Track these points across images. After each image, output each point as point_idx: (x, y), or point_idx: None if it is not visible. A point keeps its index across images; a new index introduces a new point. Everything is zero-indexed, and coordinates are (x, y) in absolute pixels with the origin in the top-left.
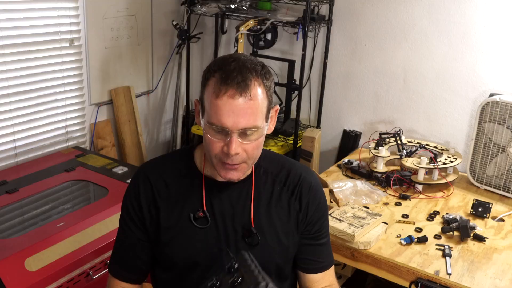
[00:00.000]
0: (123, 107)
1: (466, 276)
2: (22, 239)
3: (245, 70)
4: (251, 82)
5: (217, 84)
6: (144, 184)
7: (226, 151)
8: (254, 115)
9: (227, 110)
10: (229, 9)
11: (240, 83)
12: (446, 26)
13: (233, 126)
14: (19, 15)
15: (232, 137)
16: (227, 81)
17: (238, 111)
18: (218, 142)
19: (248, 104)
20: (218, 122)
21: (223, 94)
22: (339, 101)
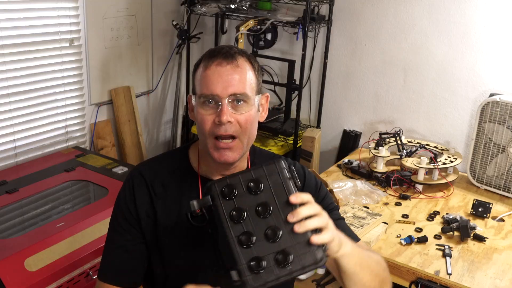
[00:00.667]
0: (123, 107)
1: (466, 276)
2: (22, 239)
3: (231, 48)
4: (238, 55)
5: (205, 60)
6: (139, 186)
7: (218, 121)
8: (243, 83)
9: (216, 77)
10: (229, 9)
11: (227, 53)
12: (446, 26)
13: (223, 91)
14: (19, 15)
15: (223, 104)
16: (214, 54)
17: (227, 76)
18: (210, 115)
19: (235, 70)
20: (208, 91)
21: (211, 64)
22: (339, 101)
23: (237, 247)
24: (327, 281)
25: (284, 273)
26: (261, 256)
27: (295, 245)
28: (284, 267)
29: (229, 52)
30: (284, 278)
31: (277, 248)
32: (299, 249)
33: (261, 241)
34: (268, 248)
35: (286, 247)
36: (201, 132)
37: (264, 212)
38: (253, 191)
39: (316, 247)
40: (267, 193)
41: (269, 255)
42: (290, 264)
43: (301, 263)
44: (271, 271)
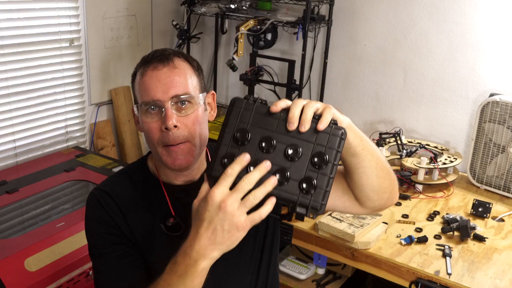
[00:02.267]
0: (123, 107)
1: (466, 276)
2: (22, 239)
3: (166, 51)
4: (173, 56)
5: (141, 67)
6: (107, 203)
7: (164, 127)
8: (183, 83)
9: (154, 82)
10: (229, 9)
11: (161, 56)
12: (446, 26)
13: (164, 95)
14: (19, 15)
15: (167, 108)
16: (148, 59)
17: (165, 79)
18: (155, 122)
19: (173, 72)
20: (149, 97)
21: (147, 70)
22: (339, 101)
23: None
24: (327, 281)
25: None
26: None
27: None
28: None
29: (163, 54)
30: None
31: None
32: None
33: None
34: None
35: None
36: (150, 142)
37: (269, 145)
38: (243, 141)
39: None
40: (257, 130)
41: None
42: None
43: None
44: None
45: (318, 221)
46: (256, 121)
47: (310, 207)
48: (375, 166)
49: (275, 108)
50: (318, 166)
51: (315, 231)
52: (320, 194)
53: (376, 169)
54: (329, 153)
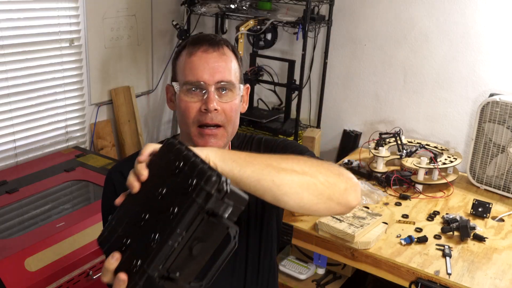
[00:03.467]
0: (123, 107)
1: (466, 276)
2: (22, 239)
3: (216, 36)
4: (223, 43)
5: (190, 47)
6: (118, 180)
7: (204, 108)
8: (228, 70)
9: (203, 63)
10: (229, 9)
11: (212, 40)
12: (446, 26)
13: (210, 78)
14: (19, 15)
15: (210, 91)
16: (199, 40)
17: (213, 63)
18: (195, 103)
19: (222, 58)
20: (194, 77)
21: (196, 50)
22: (339, 101)
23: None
24: (327, 281)
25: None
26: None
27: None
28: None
29: (214, 39)
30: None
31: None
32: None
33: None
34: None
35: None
36: (184, 120)
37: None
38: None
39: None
40: (184, 203)
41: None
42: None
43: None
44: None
45: (318, 221)
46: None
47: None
48: (283, 190)
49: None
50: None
51: (315, 231)
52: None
53: (288, 194)
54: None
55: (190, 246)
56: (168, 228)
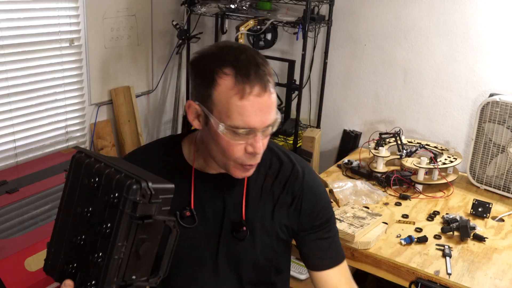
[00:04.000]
0: (123, 107)
1: (466, 276)
2: (22, 239)
3: (259, 63)
4: (267, 75)
5: (238, 83)
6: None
7: (251, 151)
8: (274, 110)
9: (255, 110)
10: (229, 9)
11: (262, 77)
12: (446, 26)
13: (261, 125)
14: (19, 15)
15: (257, 135)
16: (249, 78)
17: (265, 108)
18: (239, 144)
19: (271, 99)
20: (245, 124)
21: (249, 94)
22: (339, 101)
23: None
24: None
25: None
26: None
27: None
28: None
29: (263, 74)
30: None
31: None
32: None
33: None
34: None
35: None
36: (223, 155)
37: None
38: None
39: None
40: (114, 215)
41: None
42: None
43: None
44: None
45: None
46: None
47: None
48: None
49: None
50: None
51: None
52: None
53: None
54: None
55: (136, 250)
56: (108, 243)
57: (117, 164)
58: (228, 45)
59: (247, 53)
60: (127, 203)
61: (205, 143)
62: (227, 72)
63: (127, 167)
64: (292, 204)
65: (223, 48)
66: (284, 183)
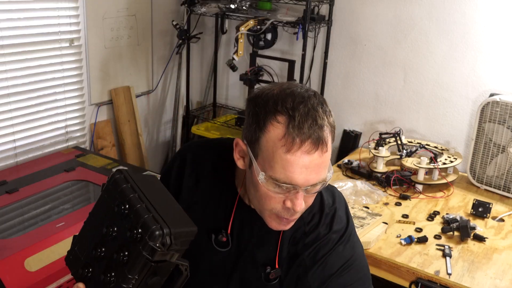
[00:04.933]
0: (123, 107)
1: (466, 276)
2: (22, 239)
3: (318, 116)
4: (326, 131)
5: (289, 135)
6: (189, 165)
7: (289, 206)
8: (325, 168)
9: (301, 167)
10: (229, 9)
11: (317, 134)
12: (446, 26)
13: (304, 183)
14: (19, 15)
15: (299, 193)
16: (301, 131)
17: (313, 167)
18: (278, 197)
19: (323, 158)
20: (287, 179)
21: (297, 149)
22: (339, 101)
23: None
24: None
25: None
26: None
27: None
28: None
29: (320, 129)
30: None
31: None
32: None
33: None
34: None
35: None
36: (259, 202)
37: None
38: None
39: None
40: (133, 249)
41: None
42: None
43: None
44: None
45: None
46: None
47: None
48: None
49: None
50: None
51: None
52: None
53: None
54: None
55: (146, 282)
56: (122, 271)
57: (151, 195)
58: (292, 89)
59: (309, 102)
60: (147, 247)
61: (248, 185)
62: (280, 121)
63: (159, 201)
64: (312, 268)
65: (285, 92)
66: (310, 245)
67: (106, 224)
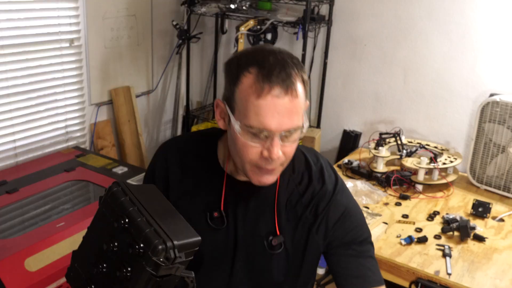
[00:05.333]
0: (123, 107)
1: (466, 276)
2: (22, 239)
3: (287, 65)
4: (295, 78)
5: (258, 82)
6: (173, 156)
7: (266, 156)
8: (298, 114)
9: (272, 111)
10: (229, 9)
11: (286, 80)
12: (446, 26)
13: (277, 128)
14: (19, 15)
15: (274, 140)
16: (270, 78)
17: (284, 112)
18: (255, 147)
19: (293, 103)
20: (260, 125)
21: (266, 93)
22: (339, 101)
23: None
24: (327, 281)
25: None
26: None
27: None
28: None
29: (286, 74)
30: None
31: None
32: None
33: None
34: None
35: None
36: (239, 157)
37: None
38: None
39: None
40: (136, 264)
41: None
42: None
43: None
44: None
45: None
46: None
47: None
48: None
49: None
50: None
51: None
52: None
53: None
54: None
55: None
56: (125, 287)
57: (151, 207)
58: (263, 47)
59: (278, 55)
60: (150, 262)
61: (230, 146)
62: (251, 71)
63: (159, 212)
64: (315, 222)
65: (256, 50)
66: (308, 203)
67: (106, 239)
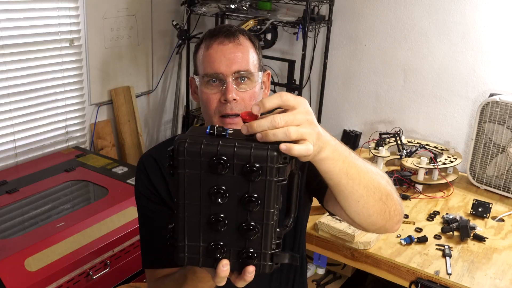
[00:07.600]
0: (123, 107)
1: (466, 276)
2: (22, 239)
3: (232, 27)
4: (239, 34)
5: (207, 39)
6: (153, 168)
7: (224, 99)
8: (246, 60)
9: (219, 55)
10: (229, 9)
11: (228, 31)
12: (446, 26)
13: (227, 69)
14: (19, 15)
15: (228, 82)
16: (215, 33)
17: (229, 54)
18: (214, 94)
19: (238, 48)
20: (212, 69)
21: (213, 43)
22: (339, 101)
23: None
24: (327, 281)
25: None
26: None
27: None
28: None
29: (230, 30)
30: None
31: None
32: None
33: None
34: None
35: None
36: (206, 112)
37: (249, 205)
38: (245, 177)
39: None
40: (259, 186)
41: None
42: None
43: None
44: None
45: (318, 221)
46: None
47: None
48: (365, 193)
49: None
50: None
51: (315, 231)
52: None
53: (365, 196)
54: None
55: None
56: (261, 214)
57: (219, 139)
58: (221, 25)
59: (227, 25)
60: (273, 171)
61: (202, 111)
62: (203, 40)
63: (234, 135)
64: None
65: (215, 28)
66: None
67: (210, 191)
